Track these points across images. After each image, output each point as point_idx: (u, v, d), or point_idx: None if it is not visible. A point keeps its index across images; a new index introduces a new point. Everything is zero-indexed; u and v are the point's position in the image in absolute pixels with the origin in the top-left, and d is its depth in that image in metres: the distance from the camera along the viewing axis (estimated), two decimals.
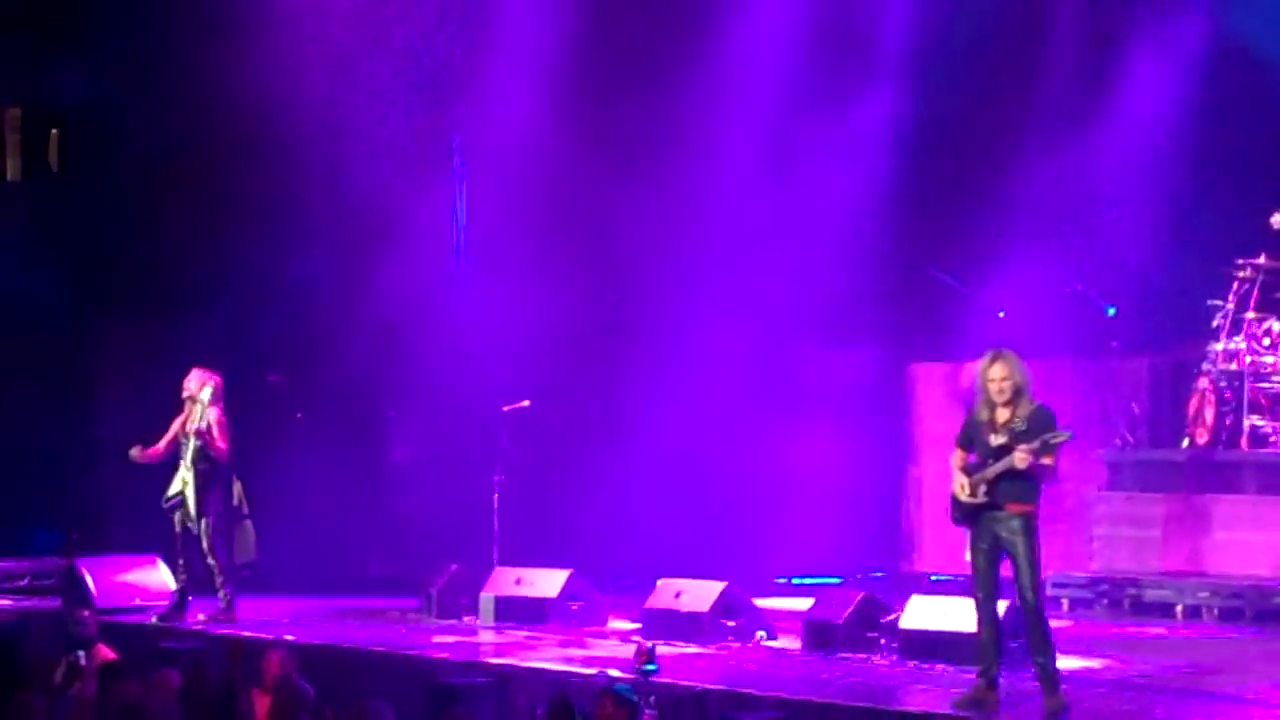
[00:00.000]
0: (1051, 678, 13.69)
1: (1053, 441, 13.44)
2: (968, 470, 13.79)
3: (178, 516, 19.26)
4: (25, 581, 21.28)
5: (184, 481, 19.15)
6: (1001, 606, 15.89)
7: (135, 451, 19.21)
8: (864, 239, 23.71)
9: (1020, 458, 13.37)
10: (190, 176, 22.73)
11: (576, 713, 12.09)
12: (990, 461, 13.61)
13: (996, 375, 13.64)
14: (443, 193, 23.77)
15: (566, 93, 22.79)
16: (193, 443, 19.05)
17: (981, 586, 13.96)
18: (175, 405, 19.24)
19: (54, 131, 23.79)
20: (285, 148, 21.61)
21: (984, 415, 13.75)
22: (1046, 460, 13.50)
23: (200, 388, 19.05)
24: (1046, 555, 19.65)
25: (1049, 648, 13.74)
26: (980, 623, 13.96)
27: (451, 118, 23.71)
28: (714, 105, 23.02)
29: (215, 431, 18.99)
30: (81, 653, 15.11)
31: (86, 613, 17.27)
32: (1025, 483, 13.62)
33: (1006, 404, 13.61)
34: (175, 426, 19.26)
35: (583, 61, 22.80)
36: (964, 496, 13.79)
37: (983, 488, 13.68)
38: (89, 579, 20.21)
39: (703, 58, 22.75)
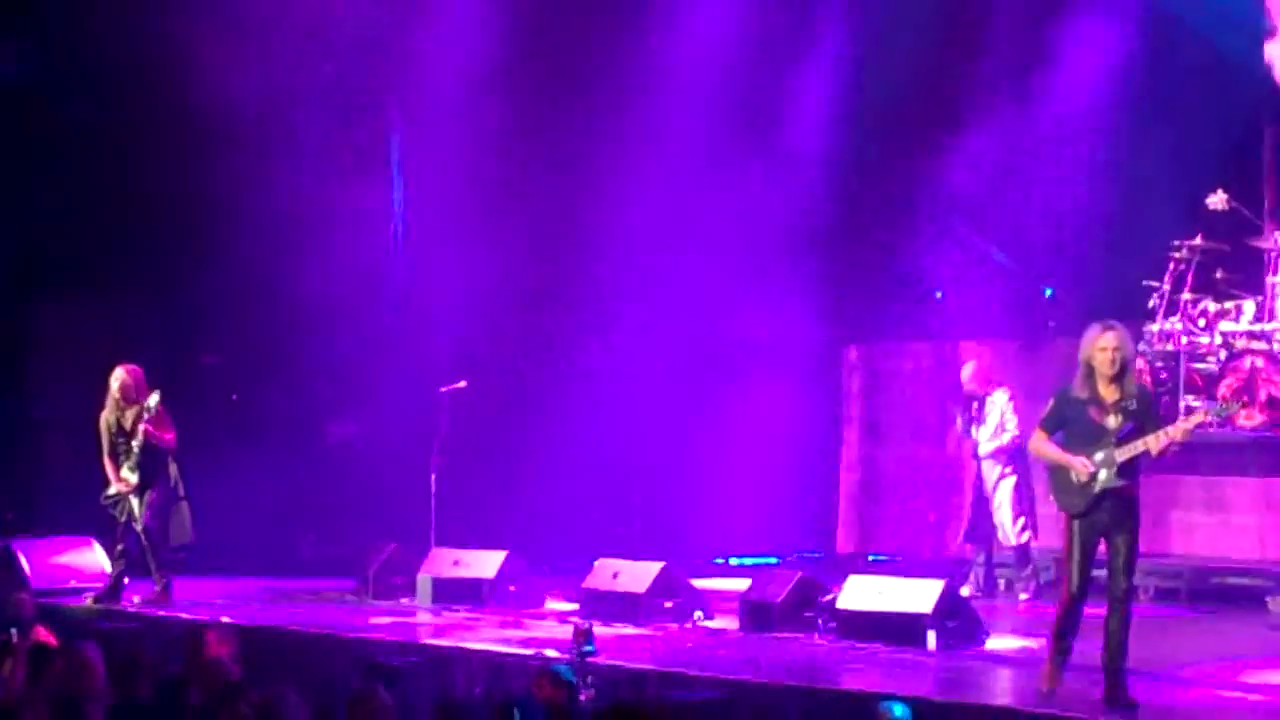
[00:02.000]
0: (1120, 680, 12.99)
1: (1221, 414, 13.24)
2: (1091, 451, 12.98)
3: (117, 509, 19.26)
4: None
5: (126, 483, 19.13)
6: (935, 588, 16.04)
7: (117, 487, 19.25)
8: (801, 221, 23.76)
9: (1186, 430, 12.88)
10: (125, 160, 22.65)
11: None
12: (1110, 443, 12.91)
13: (1109, 344, 13.02)
14: (380, 177, 23.79)
15: (502, 79, 22.78)
16: (136, 443, 19.02)
17: (1080, 579, 13.09)
18: (107, 385, 19.26)
19: None
20: (222, 131, 21.55)
21: (1083, 393, 13.10)
22: (1180, 438, 12.92)
23: (138, 392, 19.06)
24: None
25: (1126, 648, 13.06)
26: (1070, 612, 13.23)
27: (388, 104, 23.73)
28: (653, 88, 23.02)
29: (162, 426, 19.01)
30: (14, 630, 15.06)
31: (24, 594, 17.23)
32: (1137, 463, 13.03)
33: (1114, 379, 12.99)
34: (107, 434, 19.26)
35: (519, 47, 22.77)
36: (1102, 482, 12.92)
37: (1115, 471, 12.94)
38: (24, 560, 20.18)
39: (643, 39, 22.76)
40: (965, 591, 19.00)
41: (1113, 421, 12.95)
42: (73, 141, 22.76)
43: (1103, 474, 12.92)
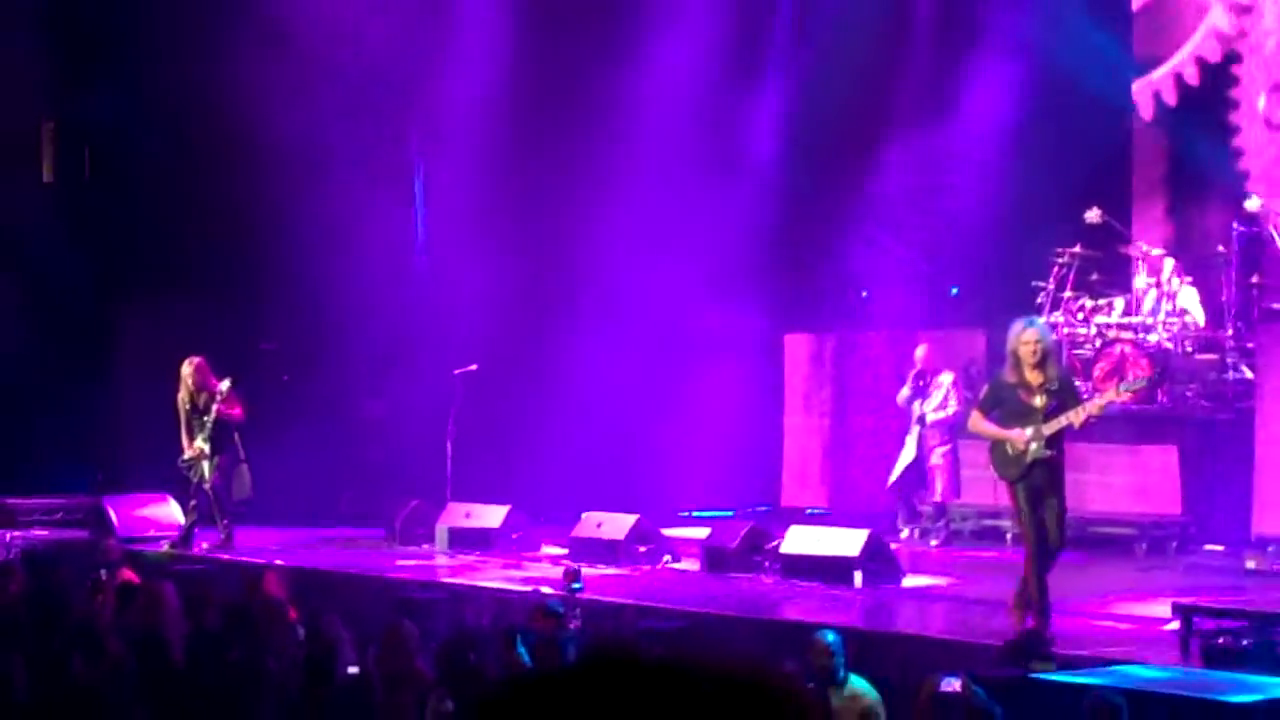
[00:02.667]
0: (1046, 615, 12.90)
1: (1130, 389, 13.05)
2: (1023, 427, 12.81)
3: (191, 471, 19.34)
4: (60, 515, 21.27)
5: (199, 450, 19.21)
6: (861, 535, 16.12)
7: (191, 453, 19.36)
8: (751, 229, 23.80)
9: (1100, 405, 12.87)
10: (194, 184, 22.70)
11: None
12: (1037, 419, 12.74)
13: (1030, 339, 12.87)
14: (404, 193, 23.83)
15: (509, 109, 22.83)
16: (209, 419, 19.11)
17: (1034, 530, 12.95)
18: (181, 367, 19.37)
19: (85, 147, 23.70)
20: (273, 157, 21.54)
21: (1013, 379, 12.94)
22: (1096, 412, 12.95)
23: (205, 377, 19.20)
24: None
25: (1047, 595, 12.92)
26: (1029, 561, 13.02)
27: (411, 129, 23.75)
28: (631, 113, 23.06)
29: (232, 404, 19.12)
30: (104, 571, 15.15)
31: (111, 541, 17.30)
32: (1061, 435, 12.95)
33: (1036, 366, 12.83)
34: (183, 411, 19.36)
35: (522, 81, 22.83)
36: (1032, 451, 12.75)
37: (1043, 443, 12.78)
38: (112, 513, 20.21)
39: (622, 72, 22.81)
40: (904, 534, 19.16)
41: (1038, 401, 12.84)
42: (152, 170, 22.80)
43: (1033, 446, 12.79)
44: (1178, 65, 22.00)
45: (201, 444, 19.21)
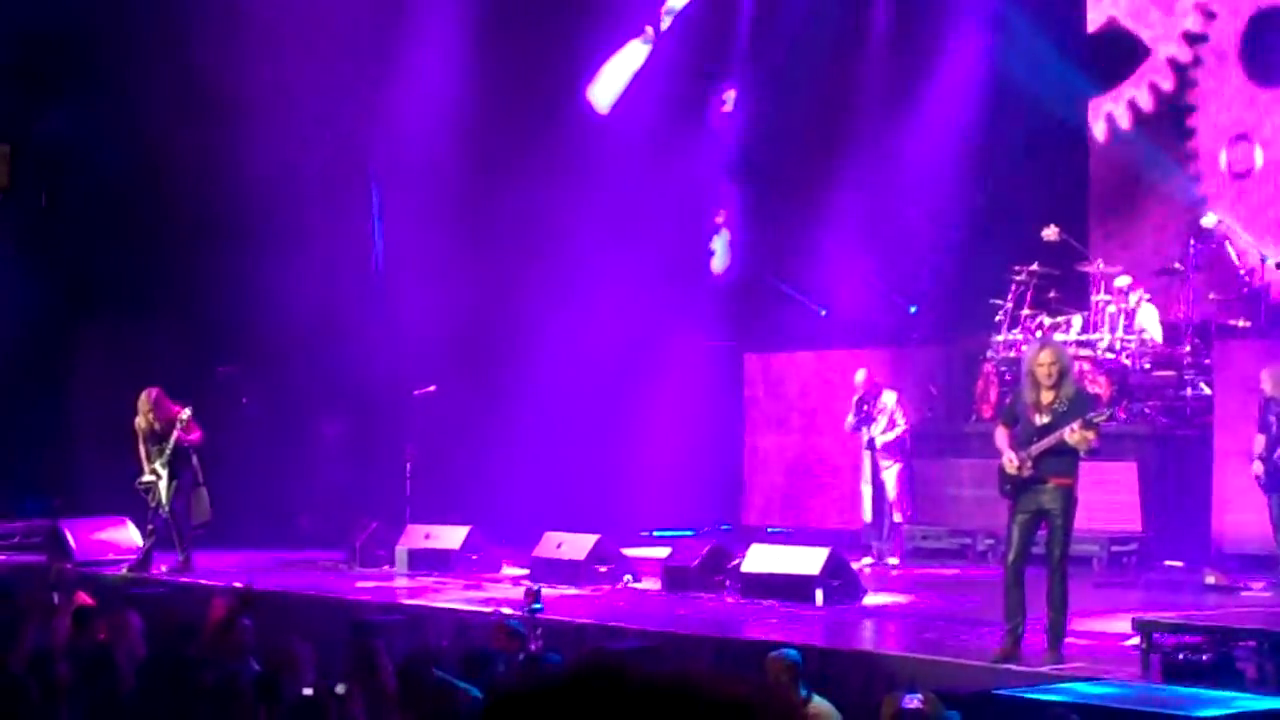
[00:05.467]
0: (1059, 634, 12.75)
1: (1095, 420, 12.56)
2: (1015, 446, 12.71)
3: (149, 495, 19.20)
4: (17, 539, 21.10)
5: (156, 474, 19.09)
6: (822, 554, 16.06)
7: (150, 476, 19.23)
8: (709, 251, 23.83)
9: (1071, 432, 12.47)
10: (152, 204, 22.58)
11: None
12: (1035, 439, 12.64)
13: (1045, 360, 12.70)
14: (363, 222, 23.77)
15: (468, 125, 22.80)
16: (168, 445, 18.99)
17: (1014, 551, 12.78)
18: (139, 390, 19.23)
19: (41, 170, 23.55)
20: (232, 177, 21.51)
21: (1030, 397, 12.75)
22: (1090, 435, 12.60)
23: (163, 405, 19.08)
24: (854, 509, 19.95)
25: (1064, 608, 12.76)
26: (1008, 585, 12.76)
27: (368, 148, 23.68)
28: (590, 136, 23.08)
29: (191, 430, 19.01)
30: (56, 595, 14.98)
31: (68, 565, 17.16)
32: (1067, 457, 12.69)
33: (1052, 387, 12.61)
34: (141, 436, 19.26)
35: (482, 96, 22.81)
36: (1012, 470, 12.69)
37: (1029, 463, 12.63)
38: (69, 537, 20.05)
39: (576, 100, 22.81)
40: (868, 561, 19.03)
41: (1039, 420, 12.71)
42: (108, 192, 22.66)
43: (1026, 464, 12.68)
44: (1132, 91, 22.09)
45: (160, 468, 19.09)
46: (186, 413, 19.07)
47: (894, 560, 19.18)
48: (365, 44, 22.95)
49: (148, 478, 19.19)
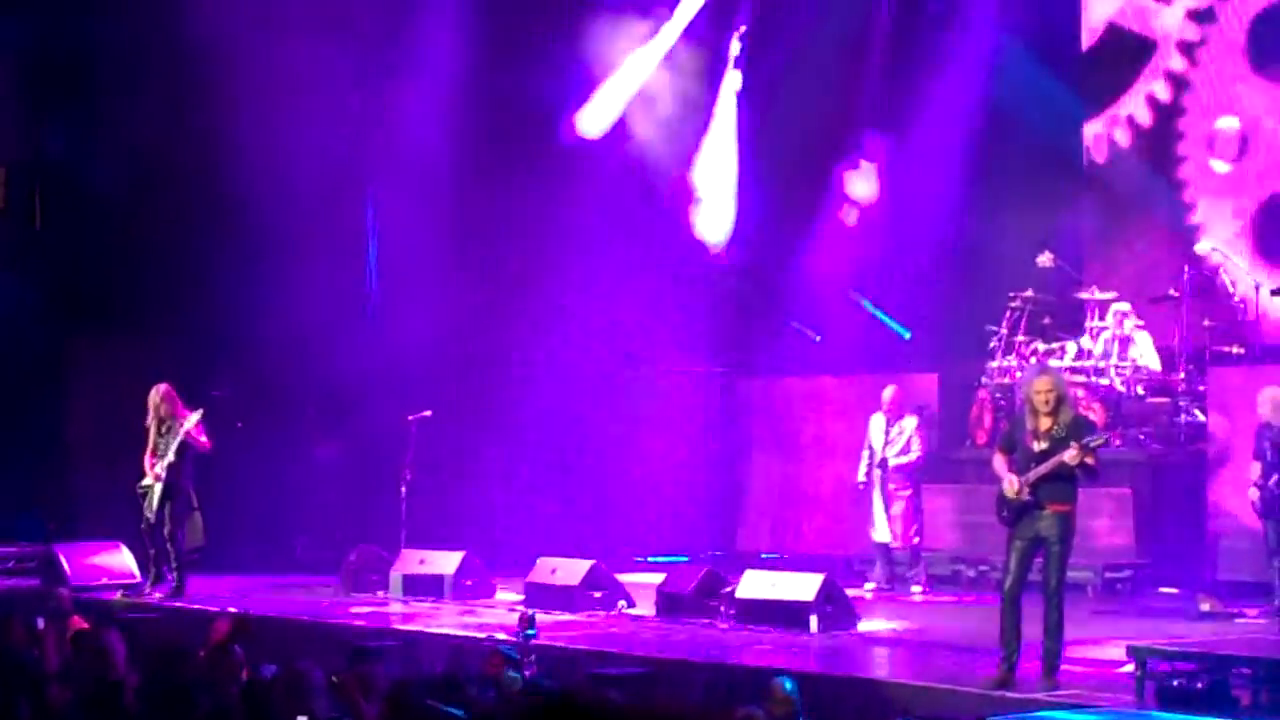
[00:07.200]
0: (1054, 661, 12.73)
1: (1092, 445, 12.51)
2: (1014, 472, 12.72)
3: (145, 500, 19.12)
4: (11, 564, 21.04)
5: (157, 476, 19.04)
6: (816, 580, 16.04)
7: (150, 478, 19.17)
8: (707, 275, 23.84)
9: (1072, 456, 12.45)
10: (147, 226, 22.58)
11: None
12: (1033, 465, 12.65)
13: (1042, 387, 12.72)
14: (358, 245, 23.76)
15: (463, 147, 22.79)
16: (176, 440, 18.94)
17: (1011, 578, 12.76)
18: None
19: (36, 189, 23.54)
20: (231, 203, 21.54)
21: (1029, 424, 12.77)
22: (1089, 461, 12.59)
23: (173, 404, 19.04)
24: (848, 534, 19.93)
25: (1060, 634, 12.75)
26: (1005, 611, 12.71)
27: (364, 170, 23.68)
28: (583, 158, 23.11)
29: (201, 431, 18.97)
30: (42, 620, 14.92)
31: (63, 589, 17.10)
32: (1065, 484, 12.70)
33: (1049, 413, 12.64)
34: (151, 435, 19.21)
35: (477, 118, 22.82)
36: (1011, 493, 12.69)
37: (1028, 489, 12.65)
38: (64, 561, 20.00)
39: (569, 119, 22.87)
40: (870, 587, 18.98)
41: (1036, 447, 12.71)
42: (103, 213, 22.64)
43: (1024, 490, 12.67)
44: (1129, 107, 22.11)
45: (161, 469, 19.00)
46: (194, 418, 19.00)
47: (917, 589, 19.06)
48: (360, 69, 22.95)
49: (147, 481, 19.12)
